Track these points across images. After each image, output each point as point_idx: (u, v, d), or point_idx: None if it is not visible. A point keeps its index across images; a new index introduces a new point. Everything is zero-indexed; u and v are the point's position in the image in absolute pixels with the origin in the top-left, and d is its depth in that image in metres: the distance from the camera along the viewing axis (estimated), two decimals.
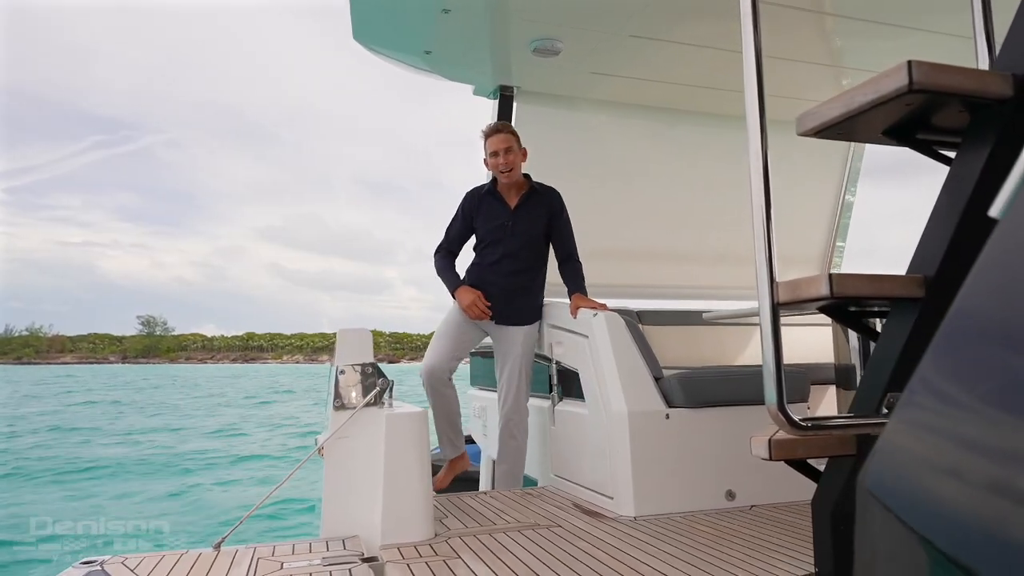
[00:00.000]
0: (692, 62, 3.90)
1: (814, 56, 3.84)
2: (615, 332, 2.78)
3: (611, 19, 3.47)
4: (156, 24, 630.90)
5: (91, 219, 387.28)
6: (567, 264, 3.30)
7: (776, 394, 1.43)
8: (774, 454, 1.56)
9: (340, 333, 2.46)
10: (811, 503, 1.73)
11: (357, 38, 3.87)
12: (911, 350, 1.49)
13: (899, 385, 1.51)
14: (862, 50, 3.82)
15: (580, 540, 2.19)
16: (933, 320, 1.46)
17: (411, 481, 2.26)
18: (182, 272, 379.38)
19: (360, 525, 2.31)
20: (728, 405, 2.70)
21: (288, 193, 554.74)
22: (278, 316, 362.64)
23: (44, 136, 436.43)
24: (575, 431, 2.99)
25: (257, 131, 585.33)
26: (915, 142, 1.46)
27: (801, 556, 1.95)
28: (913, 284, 1.43)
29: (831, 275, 1.39)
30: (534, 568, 1.89)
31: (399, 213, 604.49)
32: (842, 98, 1.36)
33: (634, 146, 4.65)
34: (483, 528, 2.37)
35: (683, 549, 2.05)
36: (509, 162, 3.18)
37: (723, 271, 4.71)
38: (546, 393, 3.33)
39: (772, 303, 1.46)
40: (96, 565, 1.96)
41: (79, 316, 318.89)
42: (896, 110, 1.35)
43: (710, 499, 2.61)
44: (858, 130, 1.44)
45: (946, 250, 1.40)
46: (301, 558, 2.04)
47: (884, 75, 1.26)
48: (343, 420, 2.35)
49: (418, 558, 2.01)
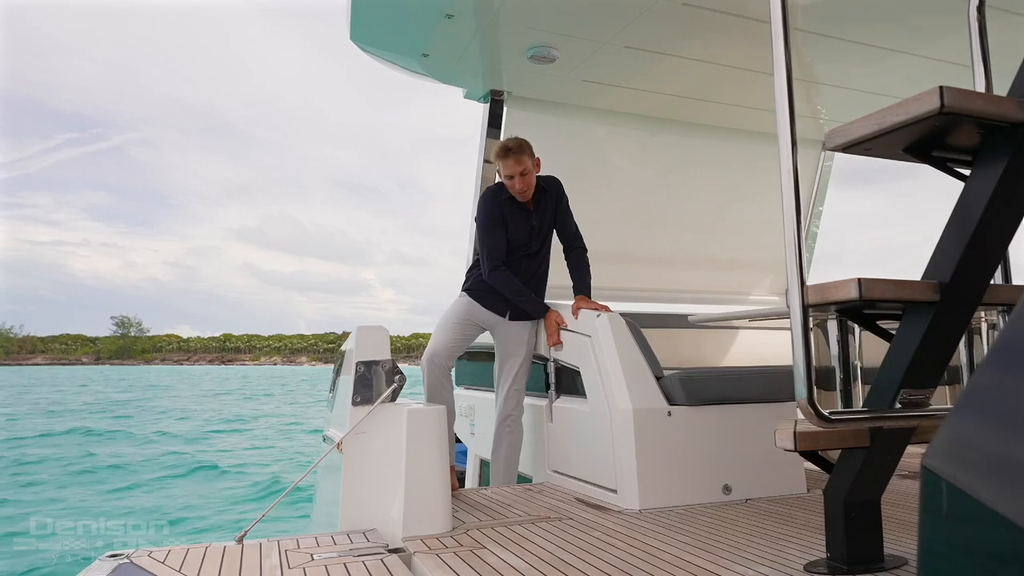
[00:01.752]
0: (682, 74, 4.05)
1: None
2: (618, 332, 2.89)
3: (608, 29, 3.58)
4: (128, 21, 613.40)
5: (61, 218, 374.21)
6: (573, 251, 3.41)
7: (807, 389, 1.54)
8: (799, 445, 1.67)
9: (358, 330, 2.50)
10: (823, 492, 1.86)
11: (354, 39, 3.90)
12: (926, 349, 1.62)
13: (914, 382, 1.65)
14: (843, 73, 4.03)
15: (594, 531, 2.28)
16: (947, 322, 1.60)
17: (431, 475, 2.32)
18: (155, 272, 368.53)
19: (378, 518, 2.35)
20: (725, 403, 2.83)
21: (262, 193, 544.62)
22: (253, 317, 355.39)
23: (13, 133, 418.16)
24: (575, 428, 3.08)
25: (230, 130, 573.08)
26: (931, 159, 1.60)
27: (804, 543, 2.08)
28: (929, 289, 1.56)
29: (860, 280, 1.51)
30: (562, 557, 1.97)
31: (375, 214, 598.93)
32: (873, 118, 1.49)
33: (620, 153, 4.79)
34: (496, 521, 2.44)
35: (695, 538, 2.16)
36: (526, 184, 3.15)
37: (705, 276, 4.89)
38: (539, 391, 3.42)
39: (803, 304, 1.57)
40: (123, 558, 1.96)
41: (49, 316, 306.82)
42: (920, 130, 1.48)
43: (708, 493, 2.74)
44: (883, 147, 1.57)
45: (960, 259, 1.54)
46: (328, 550, 2.08)
47: (916, 98, 1.39)
48: (362, 416, 2.40)
49: (445, 549, 2.08)
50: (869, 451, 1.75)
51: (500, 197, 3.24)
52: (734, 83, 4.17)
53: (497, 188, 3.29)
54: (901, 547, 1.98)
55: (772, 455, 2.89)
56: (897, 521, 2.29)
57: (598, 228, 4.80)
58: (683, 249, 4.89)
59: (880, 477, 1.81)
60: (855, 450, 1.76)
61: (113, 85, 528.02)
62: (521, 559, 1.95)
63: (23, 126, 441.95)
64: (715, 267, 4.87)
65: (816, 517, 2.44)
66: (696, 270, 4.92)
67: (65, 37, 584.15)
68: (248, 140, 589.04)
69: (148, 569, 1.90)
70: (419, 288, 76.47)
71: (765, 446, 2.89)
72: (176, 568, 1.91)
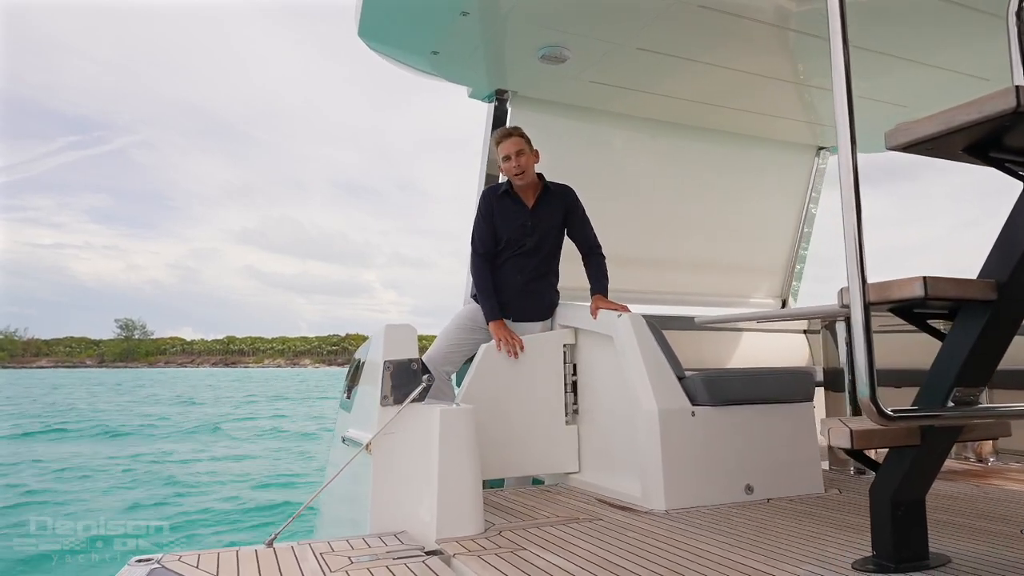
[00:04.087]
0: (694, 79, 4.07)
1: (781, 73, 4.06)
2: (640, 333, 2.88)
3: (621, 30, 3.58)
4: (128, 21, 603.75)
5: (62, 220, 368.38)
6: (591, 258, 3.45)
7: (869, 388, 1.53)
8: (856, 444, 1.68)
9: (386, 329, 2.45)
10: (869, 491, 1.86)
11: (362, 35, 3.84)
12: (980, 348, 1.63)
13: (967, 380, 1.66)
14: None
15: (629, 532, 2.26)
16: (1004, 321, 1.62)
17: (464, 475, 2.28)
18: (156, 274, 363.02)
19: (409, 520, 2.31)
20: (746, 403, 2.84)
21: (262, 195, 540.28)
22: (255, 319, 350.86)
23: (15, 136, 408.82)
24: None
25: (230, 131, 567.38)
26: (989, 159, 1.62)
27: (843, 541, 2.09)
28: (988, 288, 1.57)
29: (925, 278, 1.51)
30: (607, 558, 1.95)
31: (375, 216, 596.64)
32: (940, 117, 1.49)
33: (624, 155, 4.81)
34: (526, 523, 2.41)
35: (735, 537, 2.15)
36: (521, 164, 3.28)
37: (706, 279, 4.92)
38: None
39: (864, 303, 1.57)
40: (154, 563, 1.89)
41: (51, 319, 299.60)
42: (985, 130, 1.49)
43: (731, 493, 2.74)
44: (945, 147, 1.58)
45: (1019, 258, 1.55)
46: (363, 552, 2.03)
47: (989, 97, 1.40)
48: (391, 416, 2.35)
49: (484, 550, 2.04)
50: (919, 449, 1.76)
51: (495, 192, 3.40)
52: (744, 88, 4.20)
53: (495, 186, 3.48)
54: (941, 546, 2.00)
55: (791, 455, 2.91)
56: (935, 521, 2.31)
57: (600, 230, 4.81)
58: (686, 252, 4.92)
59: (928, 475, 1.82)
60: (905, 448, 1.77)
61: (113, 86, 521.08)
62: (568, 560, 1.92)
63: (25, 128, 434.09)
64: (716, 271, 4.91)
65: (844, 516, 2.46)
66: (698, 273, 4.95)
67: (65, 38, 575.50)
68: (248, 141, 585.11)
69: (182, 574, 1.83)
70: (420, 290, 74.90)
71: (785, 446, 2.91)
72: (212, 572, 1.85)
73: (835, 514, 2.50)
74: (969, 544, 2.05)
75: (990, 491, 2.91)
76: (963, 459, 3.67)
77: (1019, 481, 3.12)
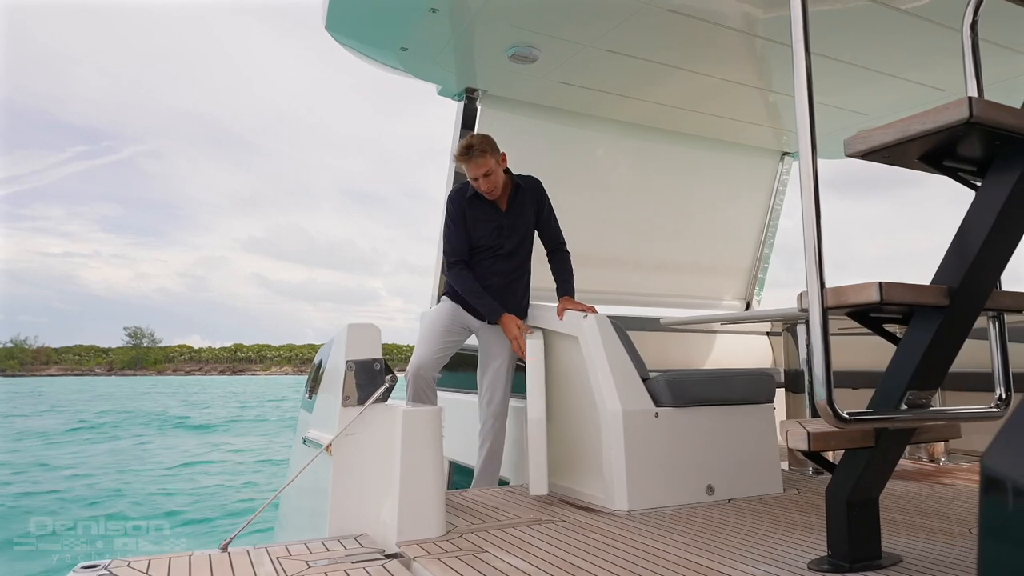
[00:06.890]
0: (661, 82, 4.10)
1: (747, 79, 4.12)
2: (606, 335, 2.89)
3: (591, 32, 3.59)
4: (136, 32, 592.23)
5: (72, 229, 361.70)
6: (557, 254, 3.36)
7: (826, 391, 1.56)
8: (813, 446, 1.70)
9: (349, 328, 2.42)
10: (825, 492, 1.89)
11: (329, 29, 3.79)
12: (933, 352, 1.67)
13: (920, 384, 1.70)
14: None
15: (591, 533, 2.27)
16: (955, 326, 1.65)
17: (426, 477, 2.26)
18: (165, 283, 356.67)
19: (369, 522, 2.28)
20: (709, 404, 2.87)
21: (269, 203, 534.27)
22: (263, 327, 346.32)
23: (24, 146, 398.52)
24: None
25: (237, 141, 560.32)
26: (943, 168, 1.65)
27: (799, 542, 2.12)
28: (940, 294, 1.61)
29: (881, 283, 1.54)
30: (567, 559, 1.95)
31: (382, 223, 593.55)
32: (897, 125, 1.52)
33: (592, 156, 4.82)
34: (488, 524, 2.40)
35: (693, 538, 2.17)
36: (491, 183, 3.09)
37: (671, 280, 4.97)
38: (520, 394, 3.39)
39: (822, 307, 1.59)
40: (101, 568, 1.84)
41: (61, 327, 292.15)
42: (939, 139, 1.53)
43: (693, 494, 2.76)
44: (901, 155, 1.61)
45: (970, 265, 1.59)
46: (321, 556, 2.00)
47: (944, 108, 1.43)
48: (352, 417, 2.32)
49: (445, 553, 2.02)
50: (873, 451, 1.79)
51: (463, 195, 3.21)
52: (711, 93, 4.24)
53: (462, 187, 3.26)
54: (894, 544, 2.04)
55: (752, 456, 2.95)
56: (888, 520, 2.36)
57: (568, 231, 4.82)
58: (651, 253, 4.96)
59: (882, 476, 1.86)
60: (860, 450, 1.81)
61: (122, 97, 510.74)
62: (527, 563, 1.91)
63: (35, 139, 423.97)
64: (682, 272, 4.96)
65: (802, 516, 2.50)
66: (664, 275, 5.00)
67: (74, 50, 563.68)
68: (255, 150, 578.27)
69: None
70: (426, 297, 76.83)
71: (746, 447, 2.95)
72: None
73: (793, 514, 2.54)
74: (920, 543, 2.10)
75: (941, 490, 2.99)
76: (916, 459, 3.77)
77: (969, 480, 3.21)
